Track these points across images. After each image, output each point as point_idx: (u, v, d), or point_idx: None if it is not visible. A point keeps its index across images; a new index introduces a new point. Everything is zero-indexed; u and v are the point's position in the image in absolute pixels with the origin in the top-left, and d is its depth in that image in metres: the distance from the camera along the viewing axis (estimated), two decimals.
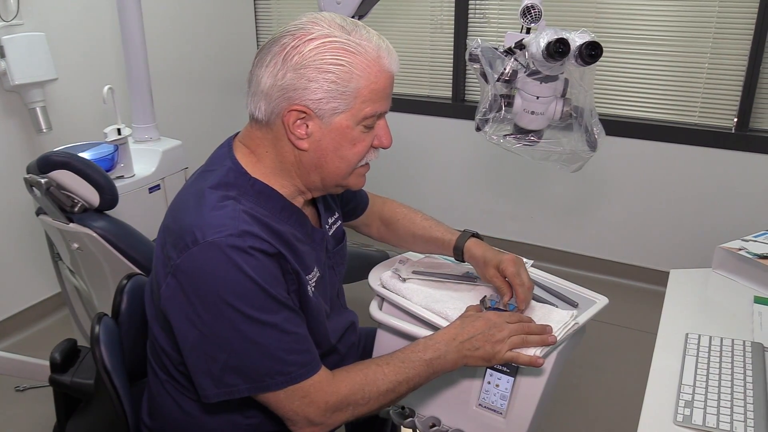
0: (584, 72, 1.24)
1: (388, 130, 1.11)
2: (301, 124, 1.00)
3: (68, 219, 1.81)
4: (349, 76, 0.98)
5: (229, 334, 0.96)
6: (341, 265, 1.27)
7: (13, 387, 2.27)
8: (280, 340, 0.97)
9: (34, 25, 2.45)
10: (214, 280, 0.94)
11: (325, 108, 0.99)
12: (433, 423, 1.23)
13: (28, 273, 2.65)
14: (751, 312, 1.36)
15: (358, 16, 1.86)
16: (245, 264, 0.94)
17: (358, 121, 1.02)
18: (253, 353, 0.97)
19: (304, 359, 1.00)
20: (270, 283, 0.97)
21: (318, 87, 0.97)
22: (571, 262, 3.15)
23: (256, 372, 0.97)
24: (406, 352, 1.08)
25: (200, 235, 0.95)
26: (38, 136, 2.53)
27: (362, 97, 1.00)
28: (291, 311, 1.00)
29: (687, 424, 1.02)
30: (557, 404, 2.18)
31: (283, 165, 1.06)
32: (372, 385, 1.03)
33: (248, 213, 0.99)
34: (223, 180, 1.04)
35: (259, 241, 0.96)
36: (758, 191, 2.71)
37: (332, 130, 1.01)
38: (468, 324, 1.11)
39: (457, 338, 1.09)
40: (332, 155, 1.04)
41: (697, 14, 2.66)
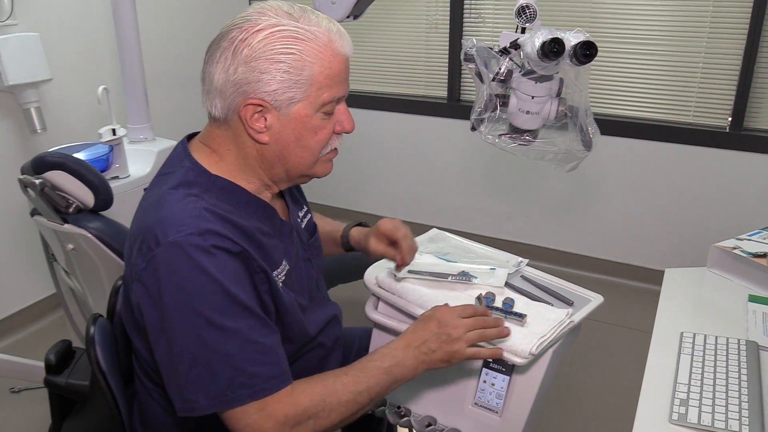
0: (579, 72, 1.24)
1: (348, 114, 1.07)
2: (259, 118, 0.99)
3: (63, 220, 1.80)
4: (302, 63, 0.96)
5: (190, 341, 0.91)
6: (318, 257, 1.25)
7: (8, 388, 2.26)
8: (243, 350, 0.92)
9: (29, 25, 2.44)
10: (176, 282, 0.91)
11: (281, 99, 0.97)
12: (429, 422, 1.23)
13: (23, 274, 2.64)
14: (745, 310, 1.37)
15: (353, 16, 1.86)
16: (208, 264, 0.91)
17: (316, 109, 1.00)
18: (215, 363, 0.91)
19: (271, 372, 0.94)
20: (235, 285, 0.93)
21: (271, 78, 0.95)
22: (567, 261, 3.15)
23: (217, 384, 0.92)
24: (364, 361, 1.04)
25: (161, 235, 0.92)
26: (33, 137, 2.52)
27: (318, 84, 0.98)
28: (257, 319, 0.95)
29: (682, 423, 1.03)
30: (553, 403, 2.19)
31: (247, 161, 1.04)
32: (332, 396, 0.98)
33: (210, 210, 0.97)
34: (183, 180, 1.01)
35: (221, 239, 0.93)
36: (753, 190, 2.72)
37: (291, 120, 0.99)
38: (420, 328, 1.07)
39: (411, 344, 1.05)
40: (294, 146, 1.02)
41: (691, 14, 2.67)
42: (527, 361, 1.08)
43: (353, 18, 1.86)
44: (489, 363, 1.19)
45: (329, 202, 3.70)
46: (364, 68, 3.46)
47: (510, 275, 1.36)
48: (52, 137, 2.51)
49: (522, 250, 2.85)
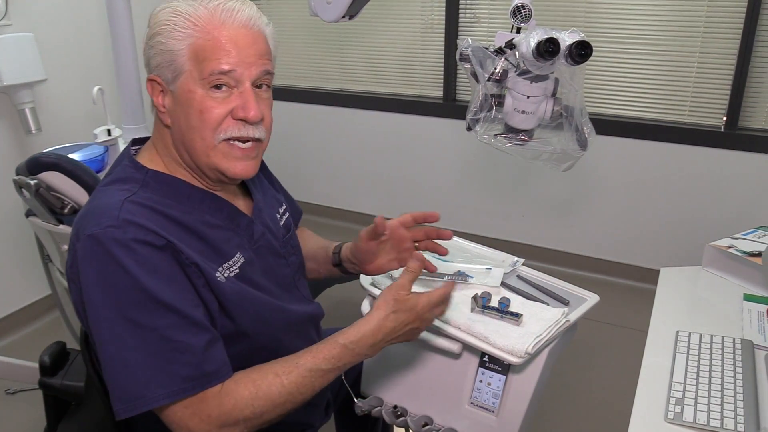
0: (574, 71, 1.24)
1: (252, 100, 0.97)
2: (159, 98, 0.99)
3: (58, 220, 1.80)
4: (177, 34, 0.95)
5: (108, 339, 0.87)
6: (294, 255, 1.21)
7: (4, 390, 2.25)
8: (162, 348, 0.88)
9: (23, 25, 2.44)
10: (94, 277, 0.88)
11: (166, 74, 0.97)
12: (425, 422, 1.23)
13: (18, 275, 2.63)
14: (740, 309, 1.37)
15: (348, 16, 1.86)
16: (126, 258, 0.87)
17: (198, 84, 0.95)
18: (130, 362, 0.87)
19: (190, 372, 0.89)
20: (155, 281, 0.88)
21: (155, 53, 0.97)
22: (562, 260, 3.16)
23: (132, 386, 0.87)
24: (318, 358, 0.97)
25: (82, 228, 0.90)
26: (27, 137, 2.51)
27: (195, 56, 0.95)
28: (180, 317, 0.90)
29: (678, 422, 1.03)
30: (549, 402, 2.19)
31: (168, 150, 1.02)
32: (265, 400, 0.93)
33: (138, 203, 0.93)
34: (118, 176, 1.00)
35: (143, 231, 0.89)
36: (747, 189, 2.73)
37: (178, 97, 0.97)
38: (393, 320, 1.01)
39: (378, 340, 1.01)
40: (186, 126, 0.98)
41: (686, 13, 2.68)
42: (523, 360, 1.08)
43: (349, 18, 1.86)
44: (485, 363, 1.19)
45: (324, 203, 3.70)
46: (360, 68, 3.46)
47: (506, 275, 1.36)
48: (46, 138, 2.51)
49: (518, 249, 2.86)
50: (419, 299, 1.04)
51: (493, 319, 1.17)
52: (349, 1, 1.77)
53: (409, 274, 1.05)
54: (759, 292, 1.43)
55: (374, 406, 1.28)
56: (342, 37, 3.44)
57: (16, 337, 2.61)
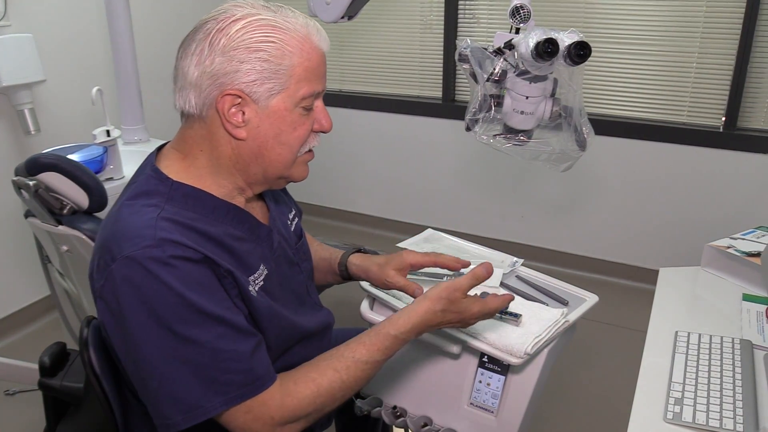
0: (573, 72, 1.24)
1: (326, 113, 1.03)
2: (237, 112, 0.95)
3: (57, 221, 1.79)
4: (281, 53, 0.93)
5: (158, 356, 0.88)
6: (306, 261, 1.22)
7: (3, 391, 2.25)
8: (214, 359, 0.89)
9: (22, 26, 2.44)
10: (136, 298, 0.88)
11: (260, 90, 0.94)
12: (424, 422, 1.23)
13: (17, 276, 2.63)
14: (739, 309, 1.37)
15: (347, 17, 1.86)
16: (168, 276, 0.87)
17: (296, 103, 0.97)
18: (185, 375, 0.89)
19: (244, 379, 0.92)
20: (199, 294, 0.89)
21: (250, 68, 0.92)
22: (561, 260, 3.16)
23: (190, 397, 0.89)
24: (372, 350, 1.00)
25: (117, 250, 0.89)
26: (26, 138, 2.51)
27: (297, 76, 0.95)
28: (227, 326, 0.92)
29: (677, 422, 1.03)
30: (548, 402, 2.19)
31: (220, 162, 0.99)
32: (326, 396, 0.97)
33: (169, 219, 0.93)
34: (142, 189, 0.98)
35: (181, 248, 0.89)
36: (746, 189, 2.73)
37: (270, 114, 0.96)
38: (439, 316, 1.03)
39: (423, 330, 1.04)
40: (273, 142, 0.98)
41: (684, 14, 2.68)
42: (523, 360, 1.08)
43: (348, 18, 1.86)
44: (485, 363, 1.19)
45: (323, 203, 3.70)
46: (359, 69, 3.46)
47: (505, 275, 1.36)
48: (45, 138, 2.51)
49: (517, 250, 2.85)
50: (473, 307, 1.05)
51: (492, 319, 1.17)
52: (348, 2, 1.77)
53: (473, 279, 1.05)
54: (758, 292, 1.43)
55: (373, 407, 1.28)
56: (341, 38, 3.44)
57: (15, 338, 2.61)
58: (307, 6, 1.88)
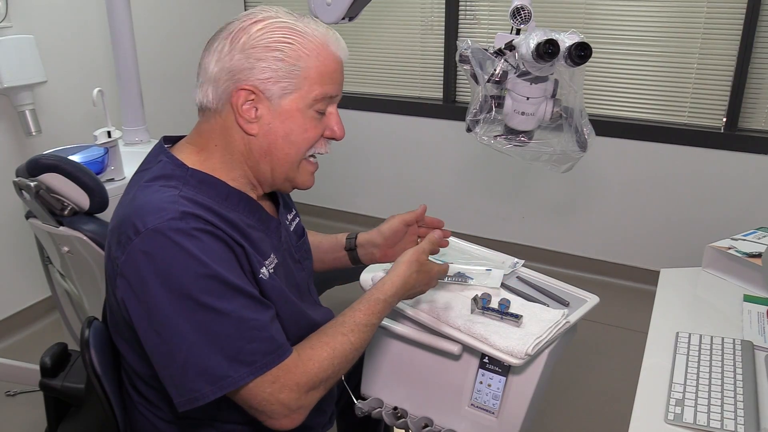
0: (574, 73, 1.24)
1: (340, 121, 1.07)
2: (250, 108, 0.98)
3: (58, 222, 1.79)
4: (297, 54, 0.97)
5: (184, 327, 0.89)
6: (307, 259, 1.25)
7: (4, 392, 2.25)
8: (239, 329, 0.92)
9: (23, 27, 2.44)
10: (161, 269, 0.89)
11: (273, 88, 0.97)
12: (425, 423, 1.23)
13: (18, 277, 2.63)
14: (740, 310, 1.37)
15: (348, 18, 1.86)
16: (194, 247, 0.90)
17: (308, 104, 1.00)
18: (211, 346, 0.90)
19: (269, 347, 0.94)
20: (223, 266, 0.92)
21: (266, 66, 0.96)
22: (562, 261, 3.16)
23: (218, 367, 0.90)
24: (368, 314, 1.06)
25: (140, 223, 0.91)
26: (27, 139, 2.51)
27: (311, 79, 0.99)
28: (248, 297, 0.94)
29: (678, 423, 1.03)
30: (549, 403, 2.19)
31: (233, 156, 1.03)
32: (341, 357, 1.01)
33: (189, 198, 0.95)
34: (160, 173, 1.00)
35: (202, 222, 0.92)
36: (747, 190, 2.73)
37: (282, 113, 0.99)
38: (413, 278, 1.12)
39: (404, 293, 1.11)
40: (282, 141, 1.01)
41: (685, 15, 2.68)
42: (523, 361, 1.09)
43: (348, 20, 1.86)
44: (485, 364, 1.20)
45: (324, 204, 3.70)
46: (360, 70, 3.47)
47: (506, 276, 1.36)
48: (46, 140, 2.51)
49: (518, 251, 2.86)
50: (434, 266, 1.17)
51: (493, 320, 1.17)
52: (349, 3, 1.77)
53: (429, 243, 1.17)
54: (759, 293, 1.43)
55: (374, 408, 1.28)
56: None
57: (16, 339, 2.61)
58: (308, 7, 1.88)
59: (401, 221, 1.34)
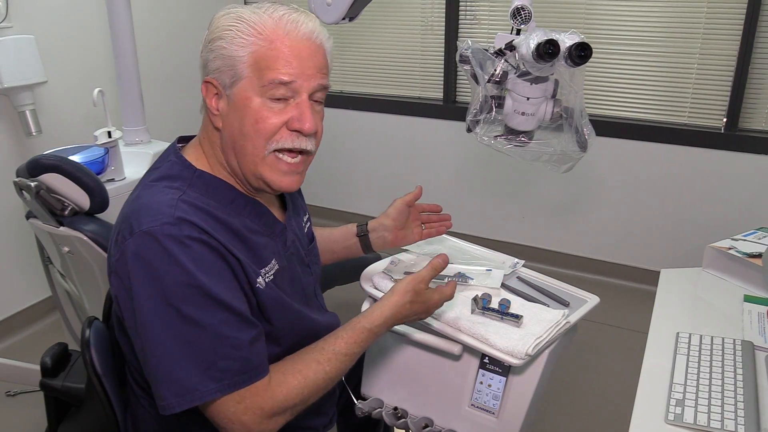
0: (574, 73, 1.24)
1: (309, 112, 0.98)
2: (215, 101, 1.00)
3: (58, 222, 1.80)
4: (240, 41, 0.96)
5: (162, 334, 0.89)
6: (316, 264, 1.24)
7: (4, 392, 2.25)
8: (214, 343, 0.90)
9: (23, 27, 2.44)
10: (148, 273, 0.89)
11: (224, 78, 0.97)
12: (425, 423, 1.23)
13: (19, 277, 2.63)
14: (741, 310, 1.37)
15: (348, 18, 1.86)
16: (182, 255, 0.89)
17: (257, 92, 0.96)
18: (185, 356, 0.89)
19: (241, 367, 0.92)
20: (209, 277, 0.91)
21: (215, 56, 0.97)
22: (562, 262, 3.16)
23: (187, 380, 0.90)
24: (350, 343, 1.03)
25: (135, 224, 0.91)
26: (28, 140, 2.51)
27: (256, 64, 0.95)
28: (232, 313, 0.93)
29: (678, 423, 1.03)
30: (549, 404, 2.19)
31: (215, 152, 1.03)
32: (311, 387, 0.99)
33: (189, 202, 0.95)
34: (166, 173, 1.01)
35: (197, 230, 0.91)
36: (747, 190, 2.73)
37: (235, 103, 0.98)
38: (406, 308, 1.08)
39: (394, 322, 1.08)
40: (238, 132, 0.98)
41: (686, 15, 2.68)
42: (523, 362, 1.08)
43: (349, 20, 1.86)
44: (486, 364, 1.20)
45: (324, 204, 3.70)
46: (360, 70, 3.47)
47: (506, 276, 1.36)
48: (47, 140, 2.51)
49: (518, 251, 2.85)
50: (433, 296, 1.11)
51: (493, 320, 1.17)
52: (349, 3, 1.77)
53: (432, 271, 1.11)
54: (759, 293, 1.43)
55: (375, 408, 1.28)
56: (342, 39, 3.44)
57: (16, 339, 2.61)
58: (308, 7, 1.88)
59: (403, 202, 1.41)
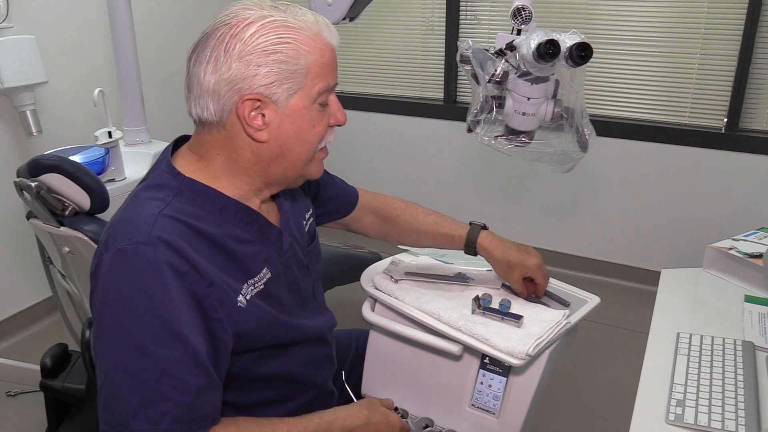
0: (575, 73, 1.24)
1: (340, 106, 1.06)
2: (257, 115, 0.95)
3: (59, 222, 1.79)
4: (297, 53, 0.94)
5: (111, 357, 0.86)
6: (316, 263, 1.22)
7: (5, 392, 2.25)
8: (161, 381, 0.85)
9: (24, 27, 2.44)
10: (115, 293, 0.87)
11: (278, 91, 0.94)
12: (426, 424, 1.23)
13: (19, 277, 2.63)
14: (741, 311, 1.37)
15: (349, 18, 1.86)
16: (151, 280, 0.86)
17: (313, 99, 0.98)
18: (125, 386, 0.85)
19: (182, 414, 0.86)
20: (173, 308, 0.87)
21: (268, 71, 0.93)
22: (563, 262, 3.16)
23: (121, 412, 0.85)
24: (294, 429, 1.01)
25: (112, 239, 0.89)
26: (28, 140, 2.51)
27: (313, 74, 0.96)
28: (188, 354, 0.87)
29: (679, 423, 1.03)
30: (550, 404, 2.19)
31: (238, 165, 0.99)
32: None
33: (170, 216, 0.92)
34: (154, 182, 0.99)
35: (170, 252, 0.88)
36: (748, 191, 2.73)
37: (290, 113, 0.97)
38: (362, 416, 1.11)
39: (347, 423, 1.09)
40: (294, 141, 0.99)
41: (686, 15, 2.68)
42: (524, 362, 1.08)
43: (349, 20, 1.86)
44: (486, 364, 1.19)
45: None
46: (361, 70, 3.47)
47: None
48: (47, 140, 2.51)
49: None
50: (390, 414, 1.17)
51: (493, 320, 1.17)
52: (350, 3, 1.77)
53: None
54: (760, 293, 1.43)
55: None
56: (342, 39, 3.40)
57: (17, 340, 2.61)
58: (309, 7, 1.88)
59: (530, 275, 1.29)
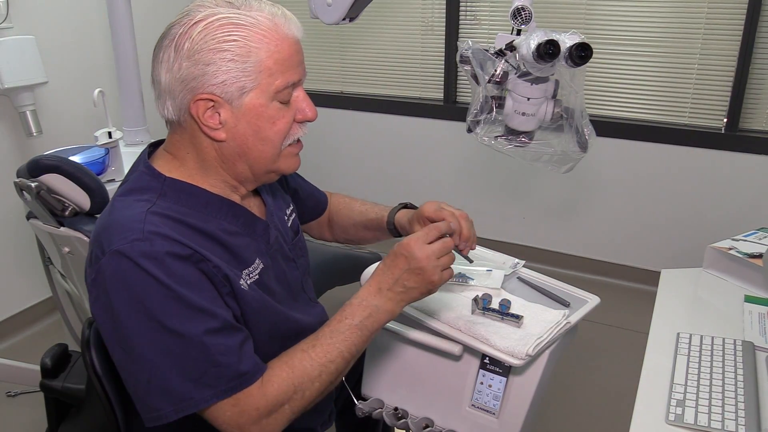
0: (575, 73, 1.24)
1: (309, 101, 1.02)
2: (212, 114, 0.95)
3: (59, 223, 1.80)
4: (247, 50, 0.92)
5: (150, 350, 0.89)
6: (302, 257, 1.22)
7: (5, 392, 2.25)
8: (204, 352, 0.90)
9: (24, 28, 2.44)
10: (126, 292, 0.88)
11: (231, 90, 0.93)
12: (426, 424, 1.23)
13: (19, 277, 2.63)
14: (741, 311, 1.37)
15: (349, 18, 1.86)
16: (156, 271, 0.88)
17: (271, 97, 0.95)
18: (175, 368, 0.89)
19: (233, 372, 0.92)
20: (187, 288, 0.90)
21: (217, 69, 0.91)
22: (563, 262, 3.16)
23: (181, 388, 0.90)
24: (333, 324, 1.00)
25: (106, 243, 0.90)
26: (28, 140, 2.51)
27: (268, 70, 0.94)
28: (216, 320, 0.92)
29: (679, 423, 1.03)
30: (550, 404, 2.19)
31: (206, 163, 1.00)
32: (302, 376, 0.96)
33: (158, 213, 0.93)
34: (135, 185, 0.99)
35: (168, 242, 0.90)
36: (748, 191, 2.73)
37: (246, 112, 0.95)
38: (389, 267, 1.03)
39: (383, 287, 1.02)
40: (254, 139, 0.97)
41: (686, 15, 2.68)
42: (524, 362, 1.08)
43: (349, 20, 1.86)
44: (486, 365, 1.19)
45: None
46: (360, 70, 3.47)
47: (506, 277, 1.36)
48: (47, 140, 2.51)
49: (518, 251, 2.85)
50: (410, 239, 1.03)
51: (493, 320, 1.17)
52: (350, 4, 1.77)
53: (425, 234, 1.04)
54: (760, 293, 1.43)
55: (375, 408, 1.28)
56: (342, 40, 3.44)
57: (17, 340, 2.61)
58: (309, 8, 1.88)
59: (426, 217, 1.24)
